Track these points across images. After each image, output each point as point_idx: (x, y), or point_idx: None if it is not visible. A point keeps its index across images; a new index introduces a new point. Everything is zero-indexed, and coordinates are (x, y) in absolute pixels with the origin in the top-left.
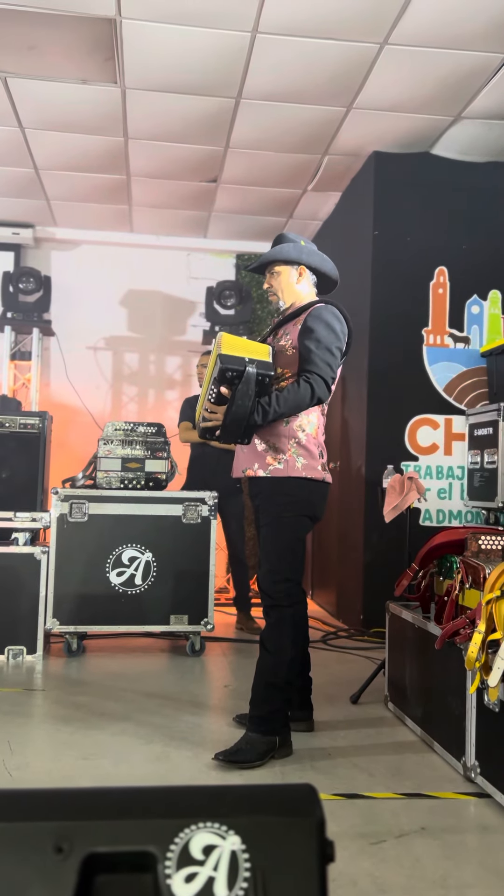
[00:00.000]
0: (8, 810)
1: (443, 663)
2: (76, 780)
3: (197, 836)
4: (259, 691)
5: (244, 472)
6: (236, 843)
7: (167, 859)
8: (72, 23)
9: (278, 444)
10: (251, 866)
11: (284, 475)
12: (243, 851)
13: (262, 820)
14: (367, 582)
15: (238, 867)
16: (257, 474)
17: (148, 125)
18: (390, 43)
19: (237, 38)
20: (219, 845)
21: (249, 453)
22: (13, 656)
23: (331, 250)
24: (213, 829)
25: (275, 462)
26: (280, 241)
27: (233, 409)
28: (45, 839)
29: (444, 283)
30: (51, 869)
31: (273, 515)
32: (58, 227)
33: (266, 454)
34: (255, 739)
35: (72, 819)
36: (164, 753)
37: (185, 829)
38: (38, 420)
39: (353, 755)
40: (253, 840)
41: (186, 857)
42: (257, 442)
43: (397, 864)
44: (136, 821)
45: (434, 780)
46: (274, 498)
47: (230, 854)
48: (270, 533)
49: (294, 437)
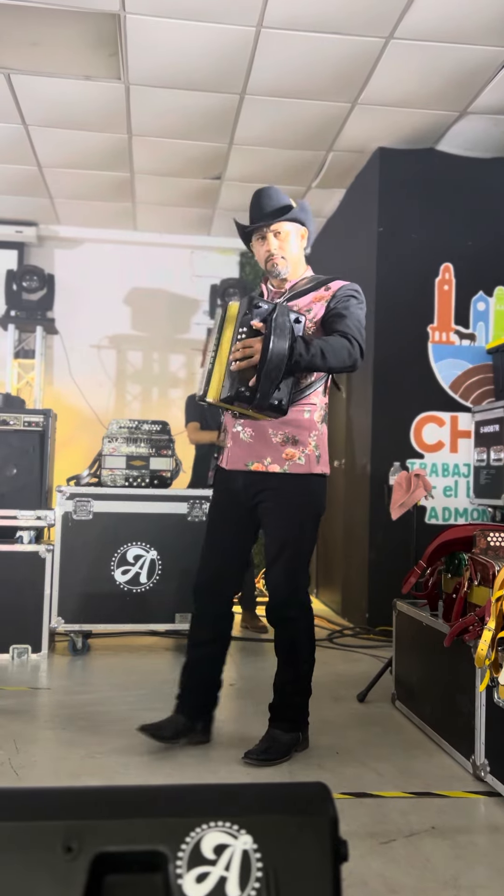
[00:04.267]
0: (17, 809)
1: (452, 661)
2: (82, 779)
3: (208, 836)
4: (295, 699)
5: (248, 465)
6: (248, 842)
7: (178, 859)
8: (75, 18)
9: (299, 436)
10: (263, 866)
11: (307, 472)
12: (255, 851)
13: (275, 819)
14: (373, 580)
15: (250, 867)
16: (269, 469)
17: (152, 122)
18: (396, 37)
19: (242, 33)
20: (230, 845)
21: (257, 444)
22: (18, 655)
23: (335, 247)
24: (224, 829)
25: (295, 456)
26: (272, 196)
27: (272, 339)
28: (55, 838)
29: (449, 279)
30: (60, 868)
31: (294, 518)
32: (61, 224)
33: (283, 447)
34: (280, 735)
35: (81, 818)
36: (170, 752)
37: (196, 828)
38: (42, 418)
39: (361, 754)
40: (265, 839)
41: (198, 856)
42: (271, 432)
43: (408, 864)
44: (146, 820)
45: (443, 779)
46: (295, 498)
47: (242, 854)
48: (292, 537)
49: (315, 430)
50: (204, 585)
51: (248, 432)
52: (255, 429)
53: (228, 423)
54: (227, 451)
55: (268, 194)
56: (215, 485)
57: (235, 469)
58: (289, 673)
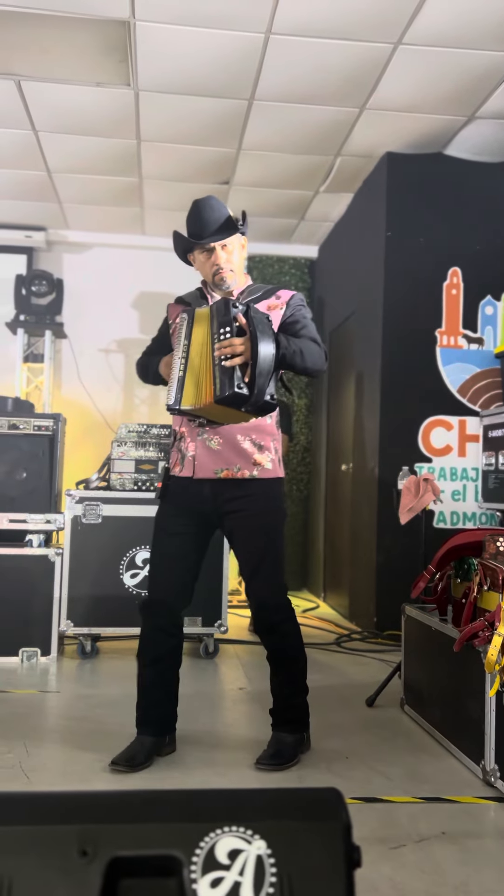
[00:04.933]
0: (32, 813)
1: (461, 666)
2: (92, 783)
3: (222, 841)
4: (294, 699)
5: (217, 473)
6: (262, 847)
7: (192, 863)
8: (86, 25)
9: (263, 441)
10: (277, 871)
11: (274, 476)
12: (269, 856)
13: (288, 824)
14: (381, 584)
15: (264, 872)
16: (239, 475)
17: (161, 127)
18: (404, 43)
19: (251, 39)
20: (244, 850)
21: (226, 451)
22: (27, 658)
23: (343, 252)
24: (238, 834)
25: (263, 462)
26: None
27: (258, 335)
28: (70, 842)
29: (457, 283)
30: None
31: (267, 521)
32: (70, 229)
33: (252, 453)
34: (286, 738)
35: (96, 822)
36: (180, 756)
37: (210, 833)
38: (52, 422)
39: (370, 758)
40: (279, 844)
41: (212, 861)
42: (240, 438)
43: (418, 870)
44: (160, 824)
45: (452, 785)
46: (267, 503)
47: (256, 859)
48: (268, 541)
49: (276, 434)
50: (157, 601)
51: (215, 440)
52: (223, 436)
53: (189, 432)
54: (188, 460)
55: (210, 206)
56: (169, 496)
57: (203, 478)
58: (285, 676)
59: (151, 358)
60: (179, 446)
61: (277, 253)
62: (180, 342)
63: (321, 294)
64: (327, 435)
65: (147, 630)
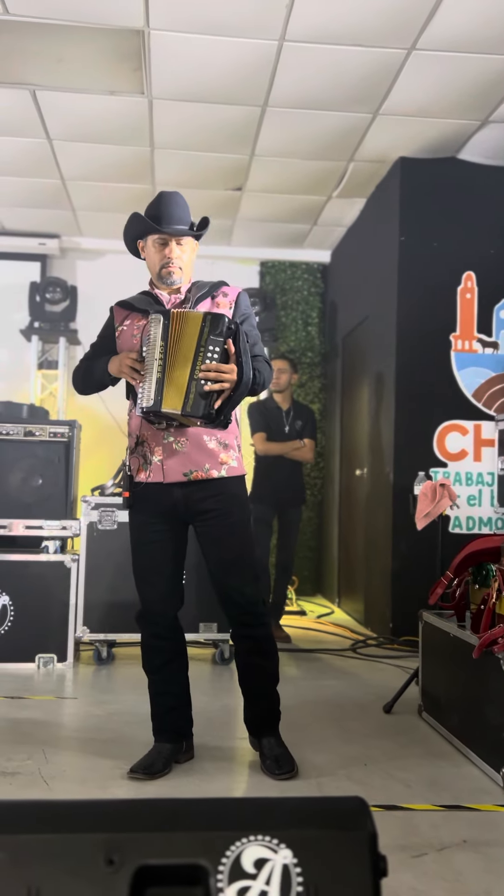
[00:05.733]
0: (59, 822)
1: (480, 673)
2: (111, 790)
3: (248, 850)
4: (275, 697)
5: (187, 475)
6: (288, 856)
7: (219, 872)
8: (100, 35)
9: (227, 440)
10: (304, 881)
11: (239, 473)
12: (295, 865)
13: (314, 833)
14: (396, 589)
15: (290, 881)
16: (210, 475)
17: (174, 135)
18: (417, 48)
19: (264, 46)
20: (271, 859)
21: (193, 452)
22: (44, 664)
23: (356, 256)
24: (264, 843)
25: (229, 460)
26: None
27: (244, 367)
28: (97, 851)
29: (471, 287)
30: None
31: (239, 518)
32: (83, 236)
33: (218, 452)
34: (272, 741)
35: (123, 831)
36: (198, 763)
37: (236, 842)
38: (67, 429)
39: (389, 766)
40: (305, 854)
41: (238, 870)
42: (206, 438)
43: (440, 878)
44: (186, 833)
45: (472, 792)
46: (236, 499)
47: (282, 868)
48: (242, 538)
49: (237, 432)
50: (150, 610)
51: (181, 441)
52: (189, 437)
53: (152, 436)
54: (156, 465)
55: (176, 202)
56: (139, 503)
57: (173, 482)
58: (268, 673)
59: (94, 362)
60: (143, 452)
61: (290, 258)
62: (155, 343)
63: (334, 299)
64: (341, 440)
65: (146, 639)
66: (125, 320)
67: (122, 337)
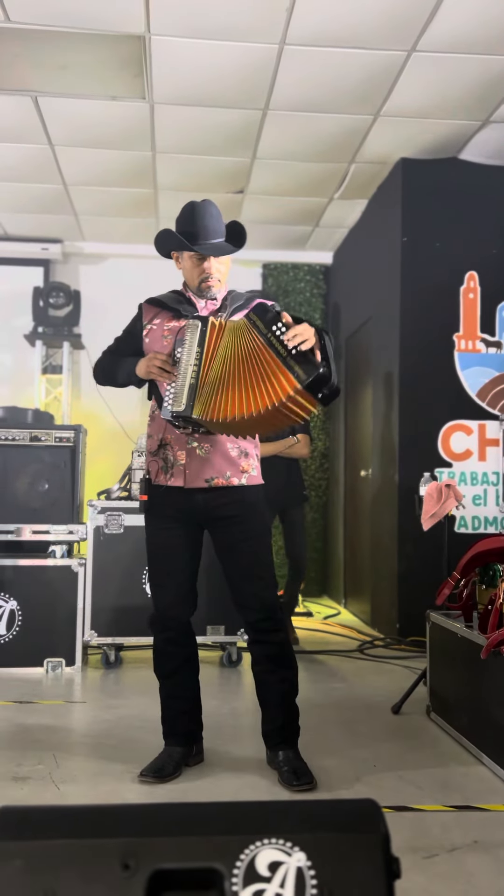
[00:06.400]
0: (76, 827)
1: (488, 673)
2: (122, 794)
3: (262, 853)
4: (294, 709)
5: (209, 481)
6: (302, 859)
7: (233, 876)
8: (102, 41)
9: (247, 448)
10: (318, 883)
11: (258, 482)
12: (309, 868)
13: (327, 836)
14: (403, 590)
15: (305, 884)
16: (231, 483)
17: (175, 139)
18: (418, 50)
19: (264, 50)
20: (285, 862)
21: (216, 459)
22: (52, 668)
23: (359, 258)
24: (278, 846)
25: (249, 469)
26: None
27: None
28: (113, 856)
29: (474, 287)
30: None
31: (259, 525)
32: (86, 241)
33: (240, 460)
34: (296, 755)
35: (138, 835)
36: (208, 766)
37: (250, 845)
38: (73, 434)
39: (399, 767)
40: (318, 856)
41: (252, 873)
42: (229, 446)
43: (451, 879)
44: (201, 837)
45: (483, 793)
46: (255, 507)
47: (296, 871)
48: (261, 545)
49: (255, 442)
50: (164, 615)
51: (204, 448)
52: (213, 444)
53: (175, 440)
54: (178, 469)
55: (209, 212)
56: (157, 507)
57: (194, 487)
58: (287, 683)
59: (118, 358)
60: (165, 455)
61: (292, 260)
62: (191, 349)
63: (336, 300)
64: (345, 441)
65: (159, 644)
66: (154, 319)
67: (150, 336)
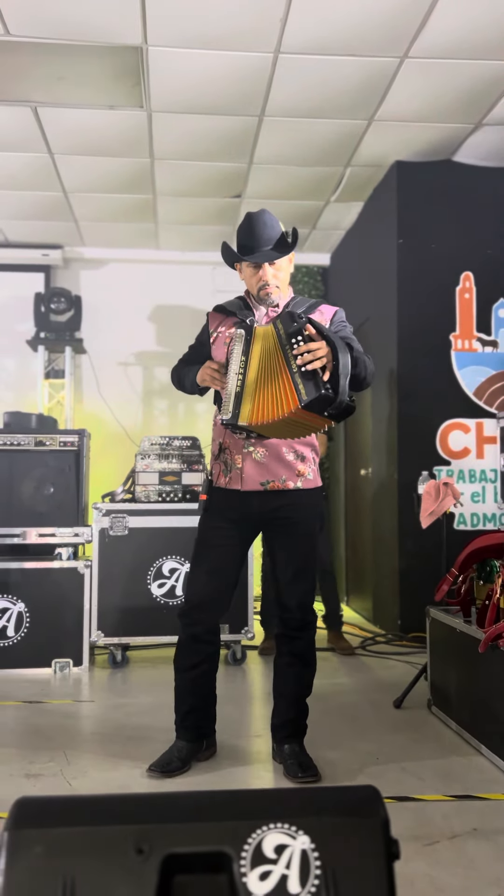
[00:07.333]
0: (93, 815)
1: (487, 667)
2: (132, 788)
3: (269, 837)
4: (304, 707)
5: (265, 485)
6: (306, 842)
7: (241, 858)
8: (100, 53)
9: (304, 452)
10: (321, 864)
11: (314, 486)
12: (313, 850)
13: (330, 820)
14: (404, 587)
15: (309, 865)
16: (287, 487)
17: (173, 146)
18: (410, 56)
19: (260, 59)
20: (290, 845)
21: (271, 463)
22: (60, 669)
23: (355, 259)
24: (283, 830)
25: (305, 472)
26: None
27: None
28: (128, 841)
29: (470, 287)
30: (133, 869)
31: (309, 530)
32: (86, 246)
33: (296, 464)
34: (301, 750)
35: (151, 822)
36: (216, 761)
37: (257, 829)
38: (77, 437)
39: (401, 759)
40: (322, 839)
41: (260, 856)
42: (285, 451)
43: (453, 865)
44: (210, 823)
45: (483, 783)
46: (310, 511)
47: (301, 853)
48: (307, 549)
49: (314, 446)
50: (195, 610)
51: (260, 452)
52: (269, 448)
53: (234, 444)
54: (236, 472)
55: (263, 221)
56: (213, 508)
57: (250, 490)
58: (305, 682)
59: (187, 367)
60: (224, 458)
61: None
62: (237, 358)
63: (334, 301)
64: (345, 440)
65: (184, 638)
66: (219, 326)
67: (216, 343)
